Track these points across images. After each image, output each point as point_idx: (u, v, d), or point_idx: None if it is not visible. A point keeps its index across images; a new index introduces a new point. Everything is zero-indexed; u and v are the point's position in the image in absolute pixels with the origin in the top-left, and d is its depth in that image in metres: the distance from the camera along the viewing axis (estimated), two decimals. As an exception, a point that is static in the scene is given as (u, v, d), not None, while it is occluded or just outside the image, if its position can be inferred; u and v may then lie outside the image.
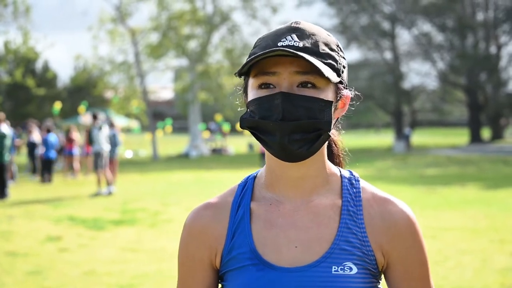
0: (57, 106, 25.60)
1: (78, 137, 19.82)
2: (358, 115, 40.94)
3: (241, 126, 1.23)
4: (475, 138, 36.61)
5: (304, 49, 1.18)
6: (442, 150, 29.70)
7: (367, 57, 40.63)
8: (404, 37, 48.29)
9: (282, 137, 1.16)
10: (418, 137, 42.75)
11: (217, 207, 1.32)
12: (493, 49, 37.72)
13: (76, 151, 18.01)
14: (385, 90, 37.71)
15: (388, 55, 40.32)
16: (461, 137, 42.55)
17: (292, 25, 1.23)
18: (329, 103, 1.20)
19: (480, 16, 38.03)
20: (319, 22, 34.53)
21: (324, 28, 1.29)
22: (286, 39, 1.19)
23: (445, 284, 5.57)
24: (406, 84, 39.89)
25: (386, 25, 39.28)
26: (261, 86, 1.20)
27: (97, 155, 12.93)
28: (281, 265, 1.22)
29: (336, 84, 1.24)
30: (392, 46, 39.40)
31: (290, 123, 1.16)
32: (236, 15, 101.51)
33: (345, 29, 38.41)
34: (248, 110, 1.23)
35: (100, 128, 13.16)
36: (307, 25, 1.24)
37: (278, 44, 1.19)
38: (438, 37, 38.63)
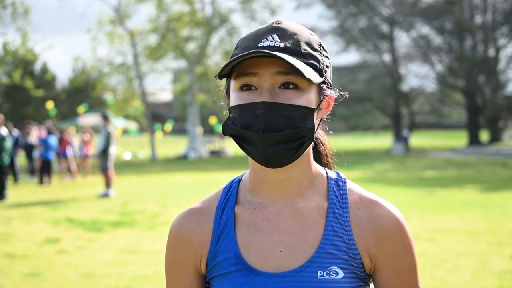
0: (50, 106, 25.53)
1: (72, 138, 19.82)
2: (357, 117, 40.96)
3: (223, 133, 1.21)
4: (474, 140, 36.65)
5: (285, 50, 1.15)
6: (441, 153, 29.72)
7: (365, 60, 40.68)
8: (403, 39, 48.35)
9: (265, 148, 1.15)
10: (417, 140, 42.77)
11: (202, 212, 1.30)
12: (491, 52, 37.79)
13: (70, 152, 17.98)
14: (383, 92, 37.74)
15: (386, 57, 40.37)
16: (459, 139, 42.57)
17: (273, 24, 1.21)
18: (312, 110, 1.17)
19: (478, 19, 38.10)
20: (317, 25, 34.58)
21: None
22: (267, 40, 1.17)
23: (444, 287, 5.58)
24: (405, 87, 39.94)
25: (384, 27, 39.33)
26: (243, 88, 1.18)
27: (107, 157, 12.92)
28: (266, 271, 1.21)
29: (319, 84, 1.21)
30: (391, 49, 39.44)
31: (272, 134, 1.14)
32: (235, 17, 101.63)
33: (344, 31, 38.44)
34: (231, 116, 1.21)
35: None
36: (288, 25, 1.21)
37: (259, 45, 1.17)
38: (437, 39, 38.71)
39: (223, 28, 29.70)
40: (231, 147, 31.35)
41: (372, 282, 1.27)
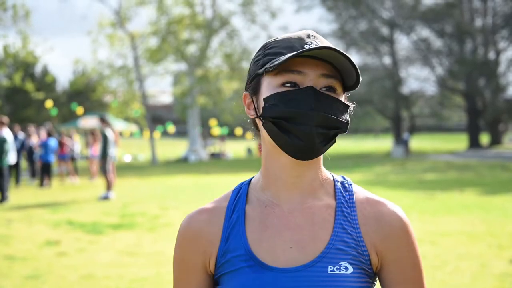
0: (49, 105, 25.52)
1: (72, 141, 19.81)
2: (357, 120, 40.95)
3: (263, 117, 1.22)
4: (474, 143, 36.63)
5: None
6: (441, 156, 29.71)
7: (366, 62, 40.69)
8: (403, 42, 48.45)
9: (312, 127, 1.17)
10: (417, 142, 42.78)
11: (212, 212, 1.33)
12: (491, 55, 37.78)
13: (67, 155, 18.04)
14: (384, 95, 37.75)
15: (387, 60, 40.40)
16: (459, 142, 42.57)
17: (309, 32, 1.25)
18: (347, 107, 1.25)
19: (478, 22, 38.11)
20: (318, 27, 34.57)
21: (323, 33, 1.33)
22: (312, 43, 1.21)
23: (444, 289, 5.57)
24: (405, 89, 39.95)
25: (385, 30, 39.36)
26: (285, 84, 1.20)
27: (109, 159, 12.91)
28: (277, 266, 1.23)
29: (345, 91, 1.28)
30: (391, 51, 39.46)
31: (321, 113, 1.18)
32: (235, 19, 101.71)
33: (344, 34, 38.48)
34: (266, 104, 1.22)
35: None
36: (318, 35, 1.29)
37: (305, 46, 1.20)
38: (437, 42, 38.71)
39: (223, 31, 29.73)
40: (231, 150, 31.35)
41: (378, 281, 1.30)
